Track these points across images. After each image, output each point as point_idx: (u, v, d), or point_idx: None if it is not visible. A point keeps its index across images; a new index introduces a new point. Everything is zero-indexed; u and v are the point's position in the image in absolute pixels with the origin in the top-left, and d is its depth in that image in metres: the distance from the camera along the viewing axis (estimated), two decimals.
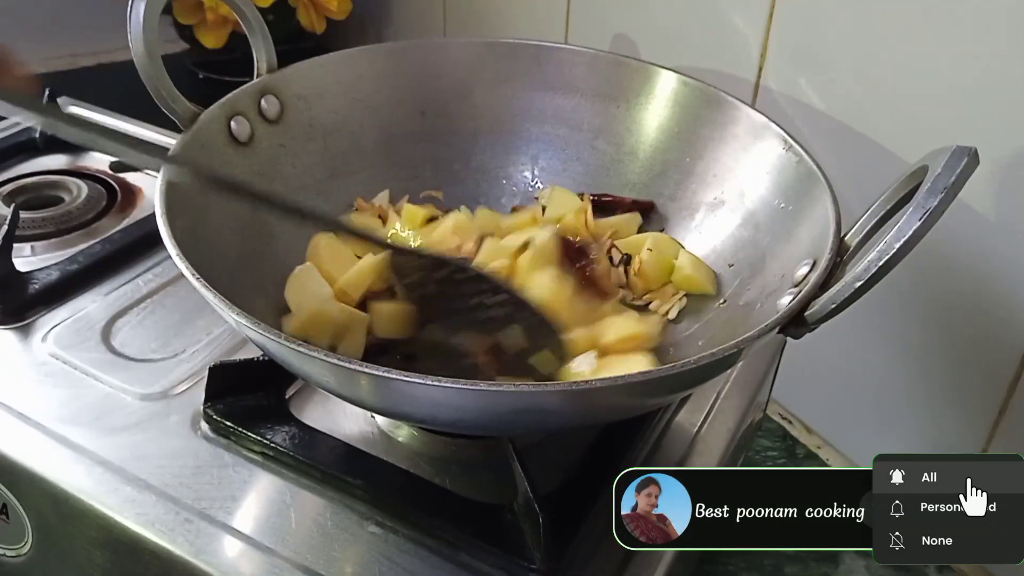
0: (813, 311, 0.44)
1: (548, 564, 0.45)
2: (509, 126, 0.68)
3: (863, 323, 0.44)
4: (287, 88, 0.63)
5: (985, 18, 0.55)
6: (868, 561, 0.68)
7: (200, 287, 0.43)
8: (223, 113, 0.59)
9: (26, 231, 0.70)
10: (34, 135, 0.84)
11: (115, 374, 0.58)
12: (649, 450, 0.54)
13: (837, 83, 0.66)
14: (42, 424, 0.54)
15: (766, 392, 0.65)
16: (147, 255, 0.69)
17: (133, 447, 0.53)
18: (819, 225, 0.50)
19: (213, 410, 0.54)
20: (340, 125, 0.65)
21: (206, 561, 0.46)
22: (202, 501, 0.49)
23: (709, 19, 0.74)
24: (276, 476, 0.51)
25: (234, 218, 0.56)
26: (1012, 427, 0.62)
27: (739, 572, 0.66)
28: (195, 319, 0.63)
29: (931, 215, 0.40)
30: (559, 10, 0.87)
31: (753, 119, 0.59)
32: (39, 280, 0.65)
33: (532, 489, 0.46)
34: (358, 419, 0.55)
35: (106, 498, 0.50)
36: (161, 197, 0.49)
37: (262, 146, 0.61)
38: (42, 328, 0.62)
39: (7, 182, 0.77)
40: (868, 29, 0.62)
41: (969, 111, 0.57)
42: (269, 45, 0.62)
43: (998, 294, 0.59)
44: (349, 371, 0.40)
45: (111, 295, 0.65)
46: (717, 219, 0.61)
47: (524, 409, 0.41)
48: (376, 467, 0.51)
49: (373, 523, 0.49)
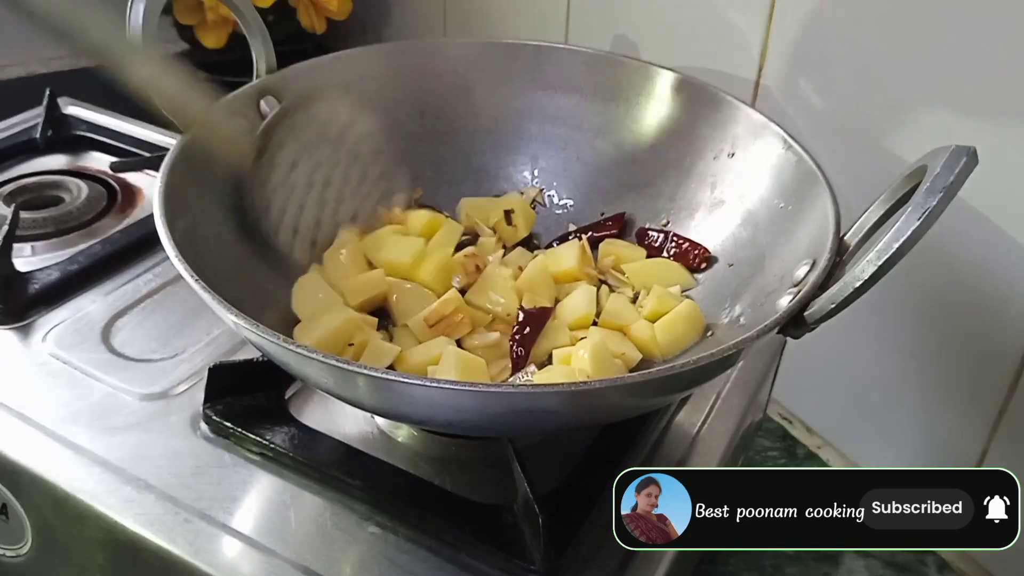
0: (812, 311, 0.44)
1: (547, 564, 0.45)
2: (509, 126, 0.68)
3: (863, 323, 0.44)
4: (287, 89, 0.62)
5: (983, 17, 0.55)
6: (868, 561, 0.68)
7: (198, 288, 0.43)
8: (223, 115, 0.59)
9: (26, 231, 0.70)
10: (35, 135, 0.84)
11: (115, 374, 0.58)
12: (649, 450, 0.54)
13: (837, 83, 0.66)
14: (42, 424, 0.54)
15: (766, 392, 0.65)
16: (147, 255, 0.69)
17: (133, 447, 0.53)
18: (819, 225, 0.50)
19: (213, 410, 0.54)
20: (341, 126, 0.65)
21: (206, 561, 0.46)
22: (202, 501, 0.49)
23: (709, 19, 0.74)
24: (276, 476, 0.51)
25: (234, 220, 0.56)
26: (1012, 427, 0.62)
27: (739, 572, 0.66)
28: (195, 319, 0.63)
29: (930, 215, 0.40)
30: (559, 10, 0.87)
31: (753, 119, 0.59)
32: (39, 280, 0.65)
33: (531, 489, 0.46)
34: (358, 419, 0.55)
35: (106, 498, 0.50)
36: (160, 198, 0.49)
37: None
38: (42, 328, 0.62)
39: (8, 182, 0.77)
40: (868, 29, 0.62)
41: (967, 109, 0.57)
42: (268, 46, 0.62)
43: (998, 294, 0.59)
44: (347, 372, 0.40)
45: (111, 295, 0.65)
46: (717, 219, 0.61)
47: (522, 410, 0.41)
48: (376, 467, 0.51)
49: (373, 523, 0.49)
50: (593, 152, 0.67)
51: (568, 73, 0.67)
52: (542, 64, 0.67)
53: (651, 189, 0.64)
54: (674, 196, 0.63)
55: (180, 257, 0.45)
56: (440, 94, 0.68)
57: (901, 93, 0.61)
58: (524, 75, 0.67)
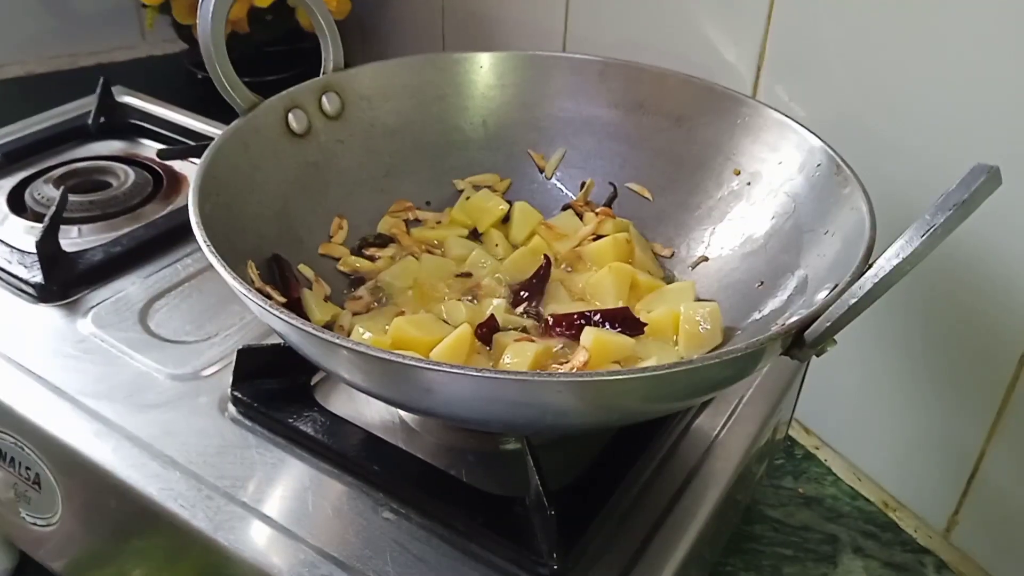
0: (810, 331, 0.43)
1: (555, 558, 0.45)
2: (569, 140, 0.68)
3: (862, 324, 0.43)
4: (351, 87, 0.64)
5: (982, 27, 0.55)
6: (866, 561, 0.67)
7: (222, 270, 0.45)
8: (282, 105, 0.61)
9: (74, 214, 0.72)
10: (87, 121, 0.87)
11: (149, 354, 0.60)
12: (665, 453, 0.54)
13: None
14: (76, 399, 0.56)
15: (790, 406, 0.65)
16: (187, 241, 0.71)
17: (162, 425, 0.54)
18: (851, 251, 0.48)
19: (240, 392, 0.55)
20: (401, 127, 0.67)
21: (223, 537, 0.48)
22: (224, 480, 0.51)
23: (701, 51, 0.75)
24: (297, 459, 0.52)
25: (268, 206, 0.58)
26: (1011, 427, 0.61)
27: (738, 572, 0.66)
28: (229, 304, 0.64)
29: (935, 233, 0.38)
30: (557, 16, 0.88)
31: (810, 143, 0.57)
32: (84, 261, 0.67)
33: (543, 484, 0.46)
34: (380, 408, 0.56)
35: (132, 472, 0.51)
36: (197, 181, 0.51)
37: (320, 139, 0.63)
38: (83, 307, 0.64)
39: (59, 166, 0.79)
40: (865, 76, 0.63)
41: (970, 117, 0.57)
42: (338, 45, 0.64)
43: (997, 294, 0.59)
44: (355, 354, 0.40)
45: (151, 278, 0.67)
46: (754, 237, 0.59)
47: (525, 403, 0.41)
48: (395, 456, 0.52)
49: (388, 510, 0.49)
50: (651, 170, 0.66)
51: (633, 90, 0.66)
52: (607, 80, 0.66)
53: (699, 212, 0.63)
54: (723, 216, 0.62)
55: (203, 231, 0.47)
56: (504, 104, 0.68)
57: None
58: (589, 90, 0.67)
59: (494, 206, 0.66)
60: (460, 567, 0.46)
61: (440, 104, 0.68)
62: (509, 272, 0.62)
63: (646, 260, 0.62)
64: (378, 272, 0.62)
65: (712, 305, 0.55)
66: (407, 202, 0.66)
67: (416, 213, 0.66)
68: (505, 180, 0.68)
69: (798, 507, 0.72)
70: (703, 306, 0.55)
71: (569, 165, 0.68)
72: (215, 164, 0.54)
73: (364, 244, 0.64)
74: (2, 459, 0.58)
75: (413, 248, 0.63)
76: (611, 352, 0.53)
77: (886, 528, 0.71)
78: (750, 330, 0.54)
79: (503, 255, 0.64)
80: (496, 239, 0.65)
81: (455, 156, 0.68)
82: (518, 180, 0.69)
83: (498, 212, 0.66)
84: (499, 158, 0.69)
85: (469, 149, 0.69)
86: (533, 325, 0.57)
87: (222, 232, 0.49)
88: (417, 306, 0.59)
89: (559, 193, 0.68)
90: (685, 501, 0.52)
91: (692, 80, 0.64)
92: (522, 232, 0.66)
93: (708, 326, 0.54)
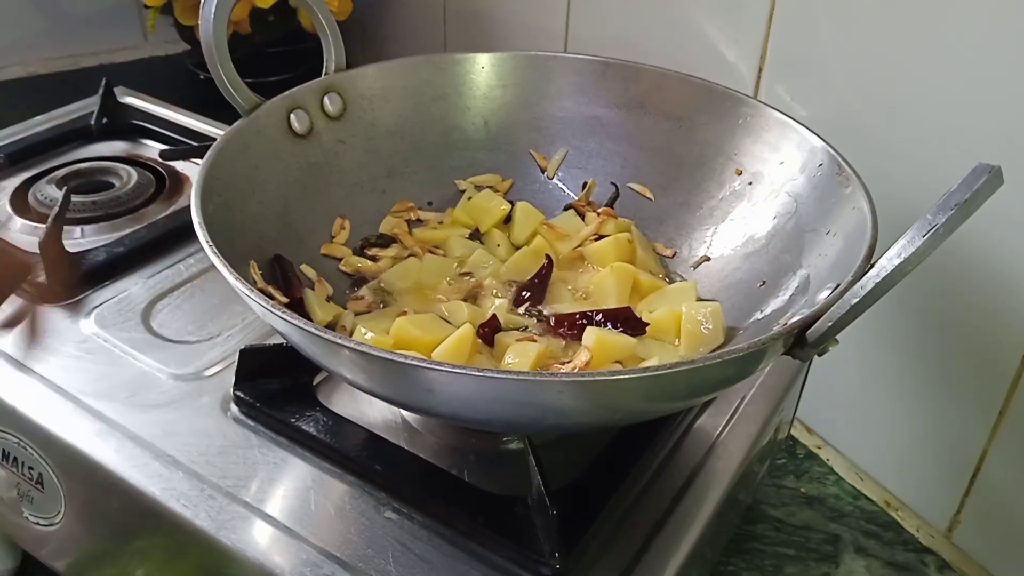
0: (811, 331, 0.43)
1: (556, 557, 0.45)
2: (570, 140, 0.68)
3: (864, 323, 0.43)
4: (352, 88, 0.65)
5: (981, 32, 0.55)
6: (868, 561, 0.67)
7: (225, 270, 0.45)
8: (284, 105, 0.61)
9: (76, 214, 0.73)
10: (90, 122, 0.87)
11: (151, 354, 0.60)
12: (667, 453, 0.54)
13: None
14: (79, 398, 0.56)
15: (792, 405, 0.65)
16: (190, 241, 0.71)
17: (164, 424, 0.54)
18: (853, 251, 0.48)
19: (242, 392, 0.55)
20: (403, 127, 0.67)
21: (226, 536, 0.48)
22: (227, 479, 0.51)
23: (702, 51, 0.75)
24: (299, 459, 0.53)
25: (270, 207, 0.58)
26: (1012, 427, 0.61)
27: (740, 572, 0.66)
28: (231, 304, 0.64)
29: (936, 233, 0.38)
30: (558, 17, 0.88)
31: (812, 143, 0.57)
32: (86, 261, 0.67)
33: (545, 484, 0.46)
34: (382, 408, 0.56)
35: (135, 472, 0.51)
36: (199, 181, 0.51)
37: (321, 140, 0.63)
38: (86, 307, 0.64)
39: (62, 166, 0.80)
40: (867, 76, 0.63)
41: (970, 117, 0.57)
42: (340, 46, 0.64)
43: (998, 294, 0.59)
44: (357, 354, 0.40)
45: (153, 278, 0.67)
46: (756, 237, 0.59)
47: (527, 403, 0.41)
48: (397, 455, 0.52)
49: (390, 509, 0.50)
50: (652, 171, 0.66)
51: (634, 90, 0.66)
52: (608, 80, 0.67)
53: (701, 211, 0.63)
54: (725, 216, 0.62)
55: (205, 230, 0.47)
56: (505, 104, 0.68)
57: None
58: (590, 90, 0.67)
59: (496, 206, 0.66)
60: (462, 566, 0.46)
61: (441, 104, 0.68)
62: (511, 272, 0.62)
63: (648, 260, 0.62)
64: (380, 272, 0.62)
65: (714, 305, 0.55)
66: (409, 202, 0.67)
67: (418, 213, 0.67)
68: (507, 180, 0.68)
69: (800, 507, 0.72)
70: (705, 306, 0.55)
71: (571, 165, 0.68)
72: (217, 165, 0.54)
73: (366, 244, 0.64)
74: (5, 459, 0.58)
75: (415, 248, 0.64)
76: (613, 352, 0.53)
77: (888, 528, 0.71)
78: (752, 330, 0.54)
79: (505, 255, 0.64)
80: (498, 239, 0.65)
81: (457, 156, 0.68)
82: (520, 180, 0.69)
83: (500, 212, 0.66)
84: (501, 158, 0.69)
85: (470, 149, 0.69)
86: (535, 325, 0.57)
87: (224, 232, 0.49)
88: (419, 306, 0.60)
89: (561, 193, 0.69)
90: (687, 501, 0.52)
91: (693, 80, 0.64)
92: (524, 232, 0.66)
93: (710, 326, 0.54)
